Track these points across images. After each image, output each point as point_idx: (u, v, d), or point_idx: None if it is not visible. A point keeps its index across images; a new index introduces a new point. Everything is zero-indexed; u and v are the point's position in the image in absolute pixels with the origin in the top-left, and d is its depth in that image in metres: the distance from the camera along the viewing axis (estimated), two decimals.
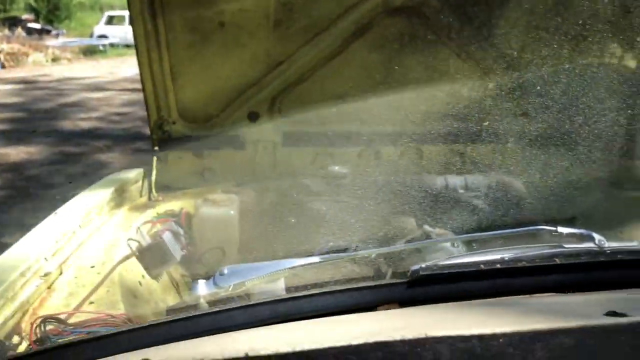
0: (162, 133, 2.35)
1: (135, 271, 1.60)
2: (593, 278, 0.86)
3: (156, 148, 2.32)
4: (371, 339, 0.53)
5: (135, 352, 0.62)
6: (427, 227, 1.67)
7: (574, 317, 0.59)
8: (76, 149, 7.24)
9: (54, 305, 1.32)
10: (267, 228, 1.74)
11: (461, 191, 2.15)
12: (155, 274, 1.67)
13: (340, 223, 1.44)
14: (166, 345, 0.66)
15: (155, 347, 0.66)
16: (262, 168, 2.41)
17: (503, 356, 0.48)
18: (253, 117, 2.40)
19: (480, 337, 0.52)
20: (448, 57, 2.29)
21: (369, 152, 2.40)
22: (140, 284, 1.59)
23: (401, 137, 2.29)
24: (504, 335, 0.53)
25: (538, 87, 2.02)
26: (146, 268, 1.64)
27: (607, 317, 0.62)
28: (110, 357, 0.62)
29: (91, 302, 1.34)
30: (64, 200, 1.88)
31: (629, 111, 1.94)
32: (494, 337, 0.52)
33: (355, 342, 0.52)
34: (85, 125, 8.68)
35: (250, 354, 0.53)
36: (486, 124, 2.13)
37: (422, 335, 0.53)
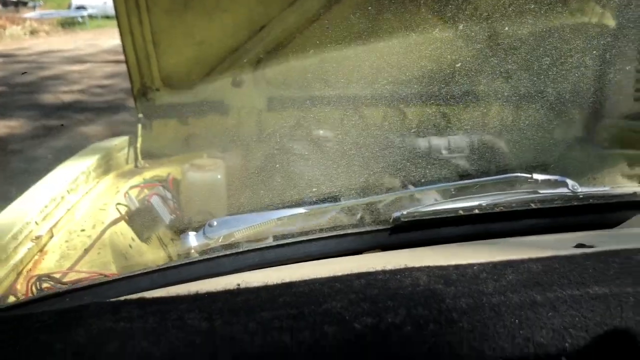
0: (145, 100, 2.35)
1: (125, 235, 1.63)
2: (567, 221, 0.90)
3: (140, 115, 2.33)
4: (355, 271, 0.56)
5: (130, 295, 0.65)
6: (410, 187, 1.71)
7: (544, 250, 0.63)
8: (59, 122, 7.16)
9: (47, 267, 1.35)
10: (253, 190, 1.77)
11: (444, 152, 2.18)
12: (145, 237, 1.70)
13: (324, 184, 1.47)
14: (160, 288, 0.69)
15: (149, 290, 0.69)
16: (246, 133, 2.43)
17: (476, 280, 0.51)
18: (236, 83, 2.41)
19: (457, 266, 0.56)
20: (430, 19, 2.30)
21: (353, 115, 2.41)
22: (130, 247, 1.62)
23: (384, 100, 2.31)
24: (478, 264, 0.56)
25: (518, 48, 2.04)
26: (136, 231, 1.67)
27: (576, 248, 0.66)
28: (107, 301, 0.65)
29: (84, 264, 1.37)
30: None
31: (605, 71, 1.98)
32: (469, 266, 0.56)
33: (340, 273, 0.55)
34: (67, 98, 8.56)
35: (242, 285, 0.57)
36: (468, 85, 2.16)
37: (402, 266, 0.57)
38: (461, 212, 0.88)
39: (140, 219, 1.66)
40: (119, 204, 1.67)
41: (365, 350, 0.43)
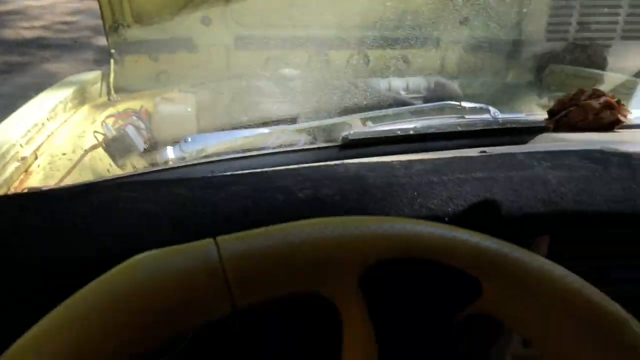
0: (117, 36, 2.42)
1: (103, 160, 1.76)
2: (486, 141, 1.08)
3: (112, 51, 2.41)
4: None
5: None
6: (369, 123, 1.89)
7: (453, 154, 0.81)
8: (22, 58, 7.03)
9: (33, 185, 1.48)
10: (222, 121, 1.91)
11: (403, 92, 2.35)
12: (121, 164, 1.83)
13: (286, 110, 1.62)
14: None
15: None
16: (215, 70, 2.54)
17: (393, 169, 0.69)
18: (206, 20, 2.50)
19: (381, 162, 0.73)
20: None
21: (319, 57, 2.54)
22: (108, 171, 1.76)
23: (349, 42, 2.45)
24: (397, 161, 0.74)
25: None
26: (112, 157, 1.80)
27: (479, 154, 0.84)
28: (108, 183, 0.80)
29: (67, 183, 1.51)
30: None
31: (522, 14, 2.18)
32: (390, 162, 0.73)
33: (296, 167, 0.72)
34: (28, 34, 8.33)
35: (215, 173, 0.73)
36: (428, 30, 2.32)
37: (339, 162, 0.74)
38: (399, 132, 1.06)
39: (116, 146, 1.79)
40: (96, 131, 1.79)
41: (305, 209, 0.60)
